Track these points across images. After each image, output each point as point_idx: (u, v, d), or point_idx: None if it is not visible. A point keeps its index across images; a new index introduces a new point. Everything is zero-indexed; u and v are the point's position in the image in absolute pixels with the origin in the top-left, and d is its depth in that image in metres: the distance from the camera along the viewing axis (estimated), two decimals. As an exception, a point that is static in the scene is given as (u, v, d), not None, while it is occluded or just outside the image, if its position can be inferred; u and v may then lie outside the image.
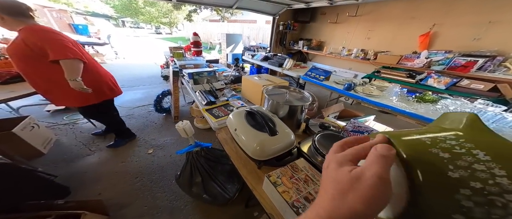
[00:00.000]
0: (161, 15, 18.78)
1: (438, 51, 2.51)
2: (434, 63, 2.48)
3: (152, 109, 2.64)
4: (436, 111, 1.47)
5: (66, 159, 1.70)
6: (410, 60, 2.72)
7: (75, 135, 2.05)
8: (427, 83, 2.32)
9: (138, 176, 1.57)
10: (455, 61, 2.29)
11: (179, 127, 0.93)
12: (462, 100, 1.52)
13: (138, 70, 5.09)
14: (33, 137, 1.64)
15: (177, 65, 2.05)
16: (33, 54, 1.13)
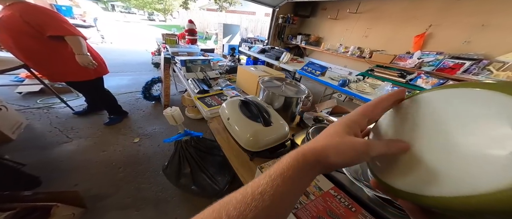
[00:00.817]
0: (155, 1, 17.58)
1: (431, 52, 2.58)
2: (425, 64, 2.56)
3: (140, 96, 2.50)
4: None
5: (39, 146, 1.54)
6: (403, 60, 2.79)
7: (50, 120, 1.88)
8: (416, 83, 2.40)
9: (122, 166, 1.47)
10: (444, 62, 2.37)
11: (167, 113, 0.88)
12: None
13: (127, 55, 4.82)
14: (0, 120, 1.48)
15: (169, 52, 1.94)
16: (31, 30, 1.18)
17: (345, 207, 0.49)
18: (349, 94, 1.95)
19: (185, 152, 1.13)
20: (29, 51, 1.28)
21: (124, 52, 5.20)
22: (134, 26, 12.95)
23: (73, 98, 2.29)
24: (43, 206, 0.90)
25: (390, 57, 2.90)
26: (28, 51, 1.28)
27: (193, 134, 1.11)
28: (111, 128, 1.91)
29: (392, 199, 0.23)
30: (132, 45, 6.23)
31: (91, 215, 1.10)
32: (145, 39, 7.60)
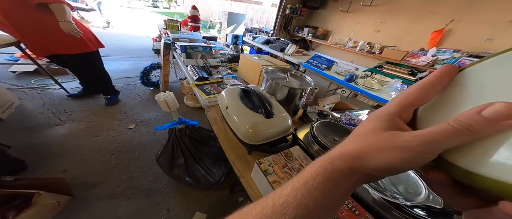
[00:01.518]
0: None
1: (447, 49, 2.41)
2: (439, 62, 2.41)
3: (138, 81, 2.43)
4: None
5: (29, 128, 1.47)
6: (416, 57, 2.63)
7: (43, 101, 1.78)
8: None
9: (115, 153, 1.40)
10: (460, 61, 2.22)
11: (160, 98, 0.80)
12: None
13: (128, 41, 4.70)
14: None
15: (170, 38, 1.84)
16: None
17: (348, 210, 0.46)
18: (355, 90, 1.87)
19: (179, 141, 1.08)
20: (18, 21, 1.25)
21: (125, 37, 5.08)
22: (137, 12, 12.60)
23: (68, 80, 2.21)
24: (23, 193, 0.83)
25: (402, 53, 2.75)
26: (17, 21, 1.25)
27: (189, 123, 1.05)
28: (106, 112, 1.85)
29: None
30: (134, 31, 6.08)
31: (78, 204, 1.05)
32: (148, 26, 7.42)
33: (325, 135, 0.63)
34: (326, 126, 0.68)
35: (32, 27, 1.29)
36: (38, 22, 1.29)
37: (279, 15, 4.08)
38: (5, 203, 0.82)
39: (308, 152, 0.60)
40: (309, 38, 4.23)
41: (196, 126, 1.12)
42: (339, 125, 0.72)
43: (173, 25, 2.35)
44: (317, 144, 0.59)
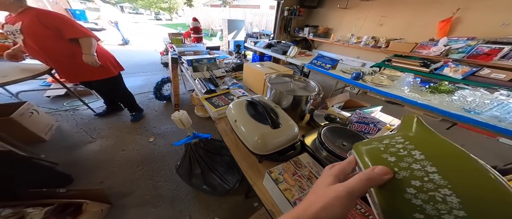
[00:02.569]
0: (160, 0, 17.97)
1: (460, 38, 2.30)
2: (453, 51, 2.30)
3: (152, 96, 2.59)
4: (452, 102, 1.37)
5: (68, 146, 1.69)
6: (426, 48, 2.53)
7: (76, 121, 2.03)
8: (443, 72, 2.15)
9: (140, 164, 1.56)
10: (478, 48, 2.11)
11: (175, 117, 0.88)
12: (481, 90, 1.41)
13: (139, 56, 4.99)
14: (33, 123, 1.62)
15: (176, 52, 1.95)
16: (51, 33, 1.29)
17: (362, 215, 0.46)
18: (363, 88, 1.83)
19: (195, 154, 1.15)
20: (53, 52, 1.39)
21: (136, 53, 5.38)
22: (142, 26, 13.29)
23: (94, 100, 2.44)
24: (75, 203, 0.99)
25: (410, 45, 2.65)
26: (52, 52, 1.39)
27: (202, 136, 1.12)
28: (129, 128, 2.02)
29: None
30: (142, 46, 6.41)
31: (115, 211, 1.19)
32: (154, 39, 7.79)
33: (332, 141, 0.65)
34: (334, 132, 0.70)
35: (64, 57, 1.44)
36: (70, 53, 1.43)
37: (278, 17, 4.12)
38: (63, 211, 0.98)
39: (317, 158, 0.62)
40: (311, 38, 4.21)
41: (208, 139, 1.18)
42: (347, 129, 0.73)
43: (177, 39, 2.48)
44: (325, 150, 0.61)
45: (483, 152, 1.98)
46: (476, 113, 1.22)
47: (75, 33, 1.37)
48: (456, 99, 1.37)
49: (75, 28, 1.37)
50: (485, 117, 1.19)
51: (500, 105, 1.19)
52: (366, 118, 0.86)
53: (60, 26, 1.30)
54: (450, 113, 1.28)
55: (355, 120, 0.88)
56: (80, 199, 1.00)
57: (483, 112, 1.21)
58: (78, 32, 1.38)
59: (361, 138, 0.68)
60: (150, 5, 18.68)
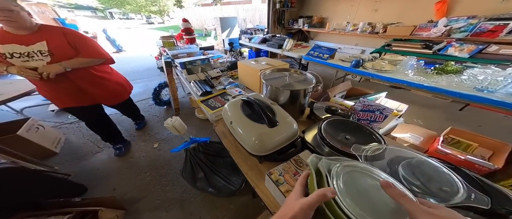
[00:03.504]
0: (149, 3, 17.77)
1: (459, 17, 2.25)
2: (455, 31, 2.24)
3: (152, 102, 2.58)
4: (461, 82, 1.31)
5: (78, 157, 1.74)
6: (426, 30, 2.47)
7: (82, 133, 2.06)
8: (447, 52, 2.11)
9: (148, 170, 1.60)
10: (481, 26, 2.05)
11: (168, 125, 0.85)
12: (492, 67, 1.34)
13: (135, 63, 4.97)
14: (41, 138, 1.66)
15: (169, 55, 1.92)
16: (75, 53, 1.18)
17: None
18: (365, 75, 1.78)
19: (195, 158, 1.13)
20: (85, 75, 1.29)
21: (132, 59, 5.35)
22: (135, 31, 13.21)
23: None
24: (91, 210, 1.03)
25: (409, 28, 2.59)
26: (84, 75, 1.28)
27: (200, 140, 1.10)
28: (133, 135, 2.05)
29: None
30: (137, 51, 6.37)
31: (130, 217, 1.23)
32: (148, 44, 7.73)
33: (334, 135, 0.61)
34: (335, 125, 0.67)
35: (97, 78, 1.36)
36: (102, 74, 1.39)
37: (270, 11, 4.02)
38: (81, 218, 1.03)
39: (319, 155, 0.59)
40: (306, 29, 4.11)
41: (207, 142, 1.16)
42: (349, 121, 0.70)
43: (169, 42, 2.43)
44: (327, 146, 0.58)
45: (502, 132, 1.88)
46: (490, 91, 1.17)
47: (96, 54, 1.27)
48: (466, 78, 1.32)
49: (96, 49, 1.27)
50: (500, 95, 1.14)
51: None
52: (371, 106, 0.82)
53: (85, 45, 1.20)
54: (461, 94, 1.22)
55: (360, 109, 0.84)
56: (96, 207, 1.04)
57: (497, 90, 1.15)
58: (99, 53, 1.29)
59: (364, 129, 0.65)
60: (140, 9, 18.39)
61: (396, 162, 0.46)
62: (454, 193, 0.39)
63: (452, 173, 0.43)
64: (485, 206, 0.36)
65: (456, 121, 2.08)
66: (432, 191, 0.40)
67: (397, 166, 0.45)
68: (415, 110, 2.30)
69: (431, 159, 0.47)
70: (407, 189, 0.38)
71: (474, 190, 0.39)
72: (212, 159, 1.18)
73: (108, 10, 27.35)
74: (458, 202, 0.36)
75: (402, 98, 2.06)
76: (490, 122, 2.03)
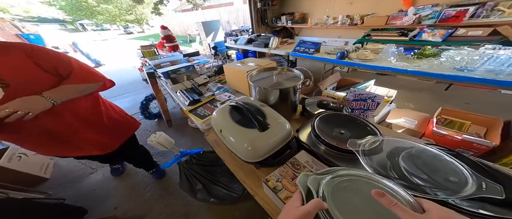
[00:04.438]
0: (123, 12, 16.69)
1: (425, 6, 2.44)
2: (424, 18, 2.41)
3: (142, 117, 2.47)
4: (441, 64, 1.36)
5: (72, 180, 1.67)
6: (398, 19, 2.63)
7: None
8: (422, 38, 2.25)
9: (147, 186, 1.55)
10: (445, 13, 2.23)
11: (152, 141, 0.79)
12: (465, 48, 1.41)
13: (118, 76, 4.73)
14: (26, 165, 1.59)
15: (151, 66, 1.83)
16: (52, 79, 0.77)
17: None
18: (351, 65, 1.81)
19: (190, 171, 1.07)
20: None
21: (113, 73, 5.08)
22: (113, 43, 12.61)
23: None
24: None
25: (383, 18, 2.75)
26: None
27: (191, 153, 1.04)
28: None
29: None
30: (119, 64, 6.08)
31: None
32: (128, 55, 7.33)
33: (329, 131, 0.59)
34: (328, 120, 0.65)
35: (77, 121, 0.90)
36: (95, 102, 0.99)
37: (252, 11, 4.02)
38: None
39: (316, 154, 0.56)
40: (289, 25, 4.15)
41: (200, 153, 1.10)
42: (342, 114, 0.68)
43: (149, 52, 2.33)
44: (323, 144, 0.56)
45: (490, 107, 1.97)
46: (470, 70, 1.22)
47: (83, 78, 0.84)
48: (444, 60, 1.37)
49: (83, 70, 0.86)
50: (480, 72, 1.19)
51: (491, 59, 1.18)
52: (362, 95, 0.82)
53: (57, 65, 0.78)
54: (443, 75, 1.27)
55: (352, 99, 0.84)
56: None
57: (476, 69, 1.20)
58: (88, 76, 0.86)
59: (358, 121, 0.63)
60: (114, 19, 17.16)
61: (396, 154, 0.44)
62: (463, 184, 0.36)
63: (456, 161, 0.40)
64: (500, 195, 0.34)
65: (444, 101, 2.16)
66: (440, 184, 0.37)
67: (397, 158, 0.43)
68: (405, 94, 2.37)
69: (430, 146, 0.46)
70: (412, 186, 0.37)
71: (484, 178, 0.37)
72: (209, 169, 1.13)
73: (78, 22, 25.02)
74: (470, 194, 0.34)
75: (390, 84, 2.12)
76: (476, 98, 2.13)
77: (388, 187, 0.35)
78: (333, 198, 0.33)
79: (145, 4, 15.84)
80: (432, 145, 0.48)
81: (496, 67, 1.14)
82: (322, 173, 0.38)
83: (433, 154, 0.43)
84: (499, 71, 1.13)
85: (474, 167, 0.41)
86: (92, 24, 27.75)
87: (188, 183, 1.14)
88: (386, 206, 0.28)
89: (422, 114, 1.60)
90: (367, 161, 0.43)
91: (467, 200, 0.34)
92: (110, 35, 20.20)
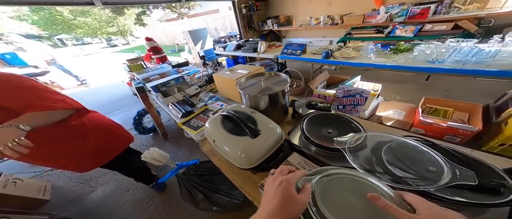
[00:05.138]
0: (104, 25, 15.62)
1: (393, 4, 2.67)
2: (395, 16, 2.62)
3: (136, 132, 2.42)
4: (415, 58, 1.46)
5: (73, 200, 1.68)
6: (373, 17, 2.83)
7: (69, 177, 1.94)
8: (396, 34, 2.44)
9: (149, 200, 1.56)
10: (411, 10, 2.44)
11: (146, 158, 0.79)
12: (434, 42, 1.53)
13: (106, 93, 4.60)
14: (23, 189, 1.58)
15: (140, 80, 1.80)
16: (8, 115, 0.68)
17: None
18: (336, 64, 1.89)
19: (188, 182, 1.07)
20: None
21: (102, 89, 4.91)
22: (96, 58, 12.20)
23: None
24: None
25: (360, 17, 2.93)
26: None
27: (188, 164, 1.04)
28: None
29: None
30: (105, 80, 5.88)
31: None
32: (115, 69, 7.07)
33: (317, 132, 0.62)
34: (316, 120, 0.68)
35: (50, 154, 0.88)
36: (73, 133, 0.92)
37: (238, 17, 4.09)
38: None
39: (307, 155, 0.59)
40: (276, 28, 4.25)
41: (197, 163, 1.10)
42: (328, 114, 0.72)
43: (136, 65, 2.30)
44: (313, 145, 0.58)
45: (468, 93, 2.09)
46: (440, 62, 1.31)
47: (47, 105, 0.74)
48: (417, 54, 1.47)
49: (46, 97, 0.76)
50: (449, 63, 1.28)
51: (456, 51, 1.29)
52: (350, 91, 0.87)
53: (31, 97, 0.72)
54: (418, 68, 1.36)
55: (342, 96, 0.88)
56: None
57: (445, 60, 1.30)
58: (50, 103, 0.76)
59: (343, 119, 0.67)
60: (94, 33, 15.97)
61: (378, 148, 0.47)
62: (440, 173, 0.38)
63: (431, 151, 0.43)
64: (473, 182, 0.35)
65: (426, 90, 2.28)
66: (422, 175, 0.39)
67: (380, 152, 0.46)
68: (390, 86, 2.48)
69: (408, 138, 0.49)
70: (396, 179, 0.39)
71: (457, 166, 0.39)
72: (208, 178, 1.13)
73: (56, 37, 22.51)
74: (447, 182, 0.35)
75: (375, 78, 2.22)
76: (455, 86, 2.27)
77: (372, 183, 0.37)
78: (323, 197, 0.35)
79: (126, 15, 15.27)
80: (409, 137, 0.52)
81: (462, 58, 1.25)
82: (312, 174, 0.40)
83: (411, 146, 0.46)
84: (465, 61, 1.23)
85: (448, 155, 0.43)
86: (71, 39, 26.13)
87: (189, 194, 1.13)
88: (381, 209, 0.29)
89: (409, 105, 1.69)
90: (353, 158, 0.45)
91: (444, 188, 0.36)
92: (93, 49, 19.30)
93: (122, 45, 20.46)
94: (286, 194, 0.31)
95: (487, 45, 1.25)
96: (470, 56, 1.22)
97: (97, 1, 2.17)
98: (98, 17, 15.34)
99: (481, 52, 1.21)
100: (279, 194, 0.31)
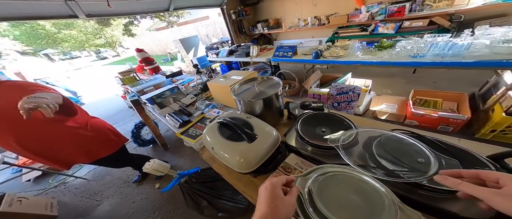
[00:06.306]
0: (91, 37, 15.15)
1: (373, 4, 2.82)
2: (375, 15, 2.76)
3: (135, 145, 2.42)
4: (398, 54, 1.53)
5: (80, 214, 1.70)
6: (356, 17, 2.97)
7: (73, 193, 1.97)
8: (379, 31, 2.57)
9: (155, 210, 1.58)
10: (390, 9, 2.59)
11: (147, 170, 0.80)
12: (413, 38, 1.61)
13: (102, 108, 4.51)
14: (29, 207, 1.59)
15: (134, 92, 1.80)
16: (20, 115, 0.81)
17: None
18: (326, 63, 1.94)
19: (191, 190, 1.07)
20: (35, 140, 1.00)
21: (97, 105, 4.84)
22: (87, 71, 11.96)
23: (77, 168, 2.32)
24: None
25: (344, 17, 3.06)
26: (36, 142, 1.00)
27: (189, 173, 1.05)
28: (127, 182, 1.97)
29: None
30: (99, 94, 5.80)
31: None
32: (108, 83, 6.95)
33: (311, 132, 0.65)
34: (309, 121, 0.70)
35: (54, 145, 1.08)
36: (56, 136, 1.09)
37: (228, 22, 4.15)
38: None
39: (304, 155, 0.61)
40: (266, 32, 4.33)
41: (198, 171, 1.11)
42: (321, 113, 0.75)
43: (129, 78, 2.29)
44: (308, 145, 0.61)
45: (454, 83, 2.17)
46: (421, 56, 1.38)
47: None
48: (399, 50, 1.54)
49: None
50: (429, 57, 1.35)
51: (433, 45, 1.36)
52: (343, 88, 0.90)
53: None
54: (402, 63, 1.43)
55: (336, 93, 0.91)
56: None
57: (425, 54, 1.37)
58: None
59: (335, 117, 0.70)
60: (82, 45, 15.44)
61: (369, 144, 0.50)
62: (428, 163, 0.40)
63: (417, 142, 0.44)
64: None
65: (415, 83, 2.37)
66: (411, 166, 0.40)
67: (371, 148, 0.48)
68: (380, 81, 2.56)
69: (395, 132, 0.52)
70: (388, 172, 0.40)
71: (442, 155, 0.41)
72: (210, 185, 1.14)
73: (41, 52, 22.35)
74: (435, 173, 0.37)
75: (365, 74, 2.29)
76: (441, 77, 2.36)
77: (365, 179, 0.40)
78: (319, 194, 0.38)
79: (113, 26, 14.93)
80: (396, 130, 0.55)
81: (440, 51, 1.32)
82: (308, 173, 0.42)
83: (398, 139, 0.48)
84: (443, 54, 1.31)
85: (433, 146, 0.45)
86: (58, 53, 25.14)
87: (193, 202, 1.13)
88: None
89: (400, 98, 1.75)
90: (347, 155, 0.46)
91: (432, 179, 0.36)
92: (82, 62, 18.71)
93: (112, 57, 19.99)
94: (273, 196, 0.33)
95: (460, 39, 1.33)
96: (446, 49, 1.30)
97: (81, 13, 2.19)
98: (84, 29, 14.87)
99: (455, 45, 1.29)
100: (267, 197, 0.33)
